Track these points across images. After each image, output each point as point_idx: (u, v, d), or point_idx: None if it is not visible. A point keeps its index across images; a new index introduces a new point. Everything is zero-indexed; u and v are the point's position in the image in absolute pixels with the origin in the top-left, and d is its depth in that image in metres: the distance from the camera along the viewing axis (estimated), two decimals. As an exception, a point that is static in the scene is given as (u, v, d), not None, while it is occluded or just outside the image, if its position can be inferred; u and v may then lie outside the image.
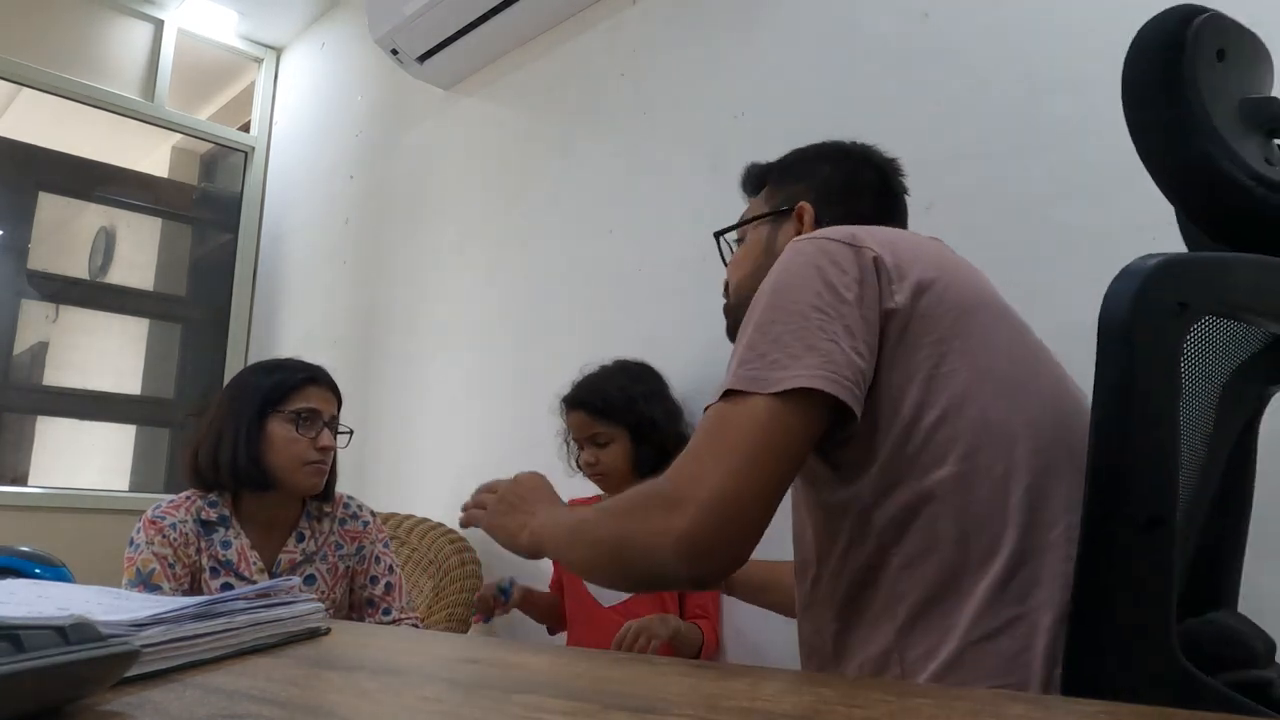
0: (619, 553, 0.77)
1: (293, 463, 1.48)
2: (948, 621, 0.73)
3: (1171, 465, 0.59)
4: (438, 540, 2.08)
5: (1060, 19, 1.36)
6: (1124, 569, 0.57)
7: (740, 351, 0.77)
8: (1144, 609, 0.58)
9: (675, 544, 0.70)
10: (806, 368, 0.73)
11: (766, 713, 0.38)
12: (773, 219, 1.08)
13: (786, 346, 0.75)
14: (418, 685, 0.47)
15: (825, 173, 1.08)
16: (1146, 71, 0.67)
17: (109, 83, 3.12)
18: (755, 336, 0.77)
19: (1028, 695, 0.41)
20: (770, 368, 0.74)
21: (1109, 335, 0.58)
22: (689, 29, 1.96)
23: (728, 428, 0.74)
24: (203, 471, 1.49)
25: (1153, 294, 0.57)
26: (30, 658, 0.35)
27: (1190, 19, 0.66)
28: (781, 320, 0.77)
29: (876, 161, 1.10)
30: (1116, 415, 0.58)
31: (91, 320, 3.55)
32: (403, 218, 2.74)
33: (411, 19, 2.30)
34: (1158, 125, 0.66)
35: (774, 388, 0.72)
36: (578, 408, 1.70)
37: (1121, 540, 0.57)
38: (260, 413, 1.48)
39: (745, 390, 0.74)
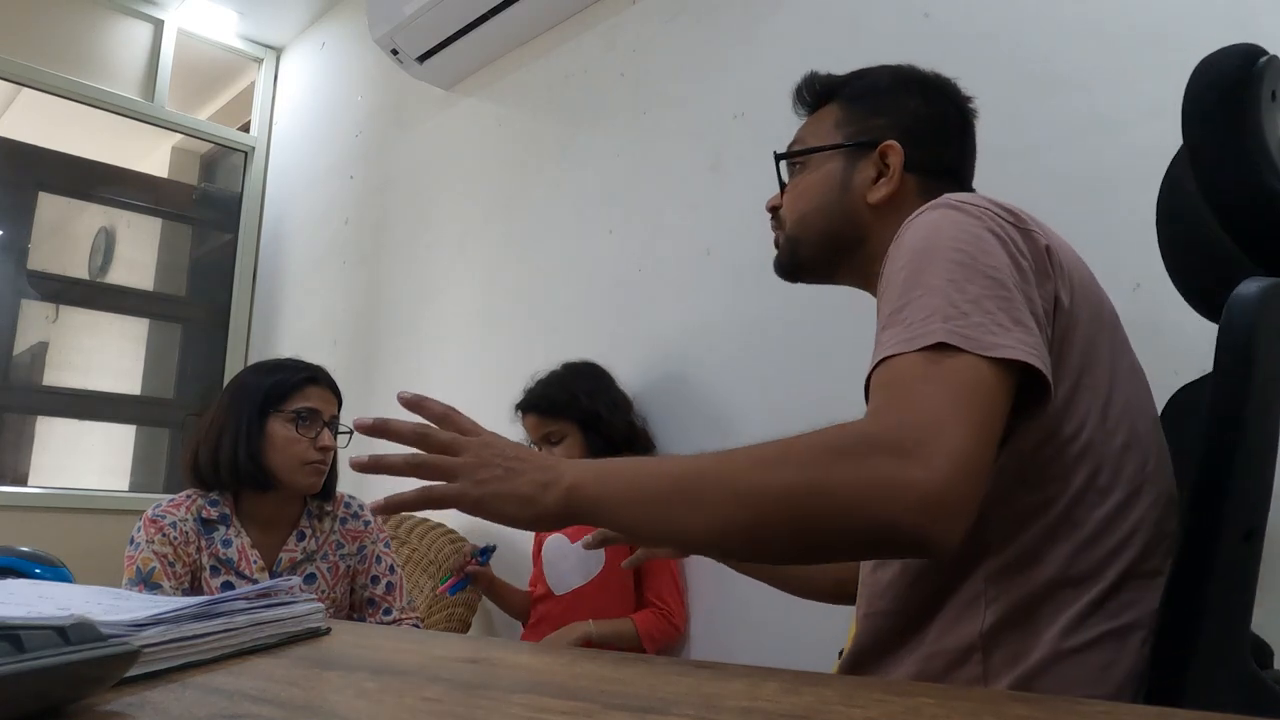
0: (814, 508, 0.60)
1: (292, 462, 1.48)
2: (1039, 629, 0.70)
3: (1269, 479, 0.61)
4: (438, 540, 2.08)
5: (1060, 19, 1.36)
6: (1222, 578, 0.58)
7: (934, 303, 0.67)
8: (1233, 616, 0.60)
9: (922, 498, 0.57)
10: (1020, 341, 0.65)
11: (766, 713, 0.38)
12: (849, 151, 0.96)
13: (991, 313, 0.66)
14: (418, 685, 0.47)
15: (913, 107, 0.97)
16: (1215, 105, 0.68)
17: (109, 83, 3.12)
18: (951, 292, 0.67)
19: (1028, 695, 0.41)
20: (978, 330, 0.64)
21: (1229, 356, 0.59)
22: (689, 29, 1.96)
23: (952, 379, 0.62)
24: (202, 471, 1.49)
25: (1267, 316, 0.59)
26: (30, 658, 0.35)
27: (1255, 58, 0.68)
28: (978, 283, 0.68)
29: (959, 101, 0.99)
30: (1230, 433, 0.59)
31: (91, 320, 3.55)
32: (403, 218, 2.74)
33: (411, 19, 2.30)
34: (1225, 157, 0.67)
35: (991, 352, 0.63)
36: (529, 411, 1.79)
37: (1222, 550, 0.58)
38: (261, 412, 1.48)
39: (958, 346, 0.63)
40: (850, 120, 0.98)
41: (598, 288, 2.05)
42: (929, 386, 0.62)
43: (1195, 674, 0.58)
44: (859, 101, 0.99)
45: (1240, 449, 0.58)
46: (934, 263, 0.70)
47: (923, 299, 0.67)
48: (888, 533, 0.58)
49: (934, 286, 0.68)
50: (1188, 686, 0.59)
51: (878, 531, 0.59)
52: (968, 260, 0.69)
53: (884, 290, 0.74)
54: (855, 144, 0.96)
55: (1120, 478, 0.73)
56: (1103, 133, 1.30)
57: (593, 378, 1.81)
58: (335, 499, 1.62)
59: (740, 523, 0.63)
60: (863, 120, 0.97)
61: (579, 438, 1.75)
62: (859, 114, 0.98)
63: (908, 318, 0.67)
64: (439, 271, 2.55)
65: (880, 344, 0.68)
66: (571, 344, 2.08)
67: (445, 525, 2.15)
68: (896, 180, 0.93)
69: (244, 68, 3.58)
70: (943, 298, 0.66)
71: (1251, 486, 0.60)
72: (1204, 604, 0.58)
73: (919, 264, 0.71)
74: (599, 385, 1.80)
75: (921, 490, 0.57)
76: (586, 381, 1.80)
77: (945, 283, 0.67)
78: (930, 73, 1.00)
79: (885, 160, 0.94)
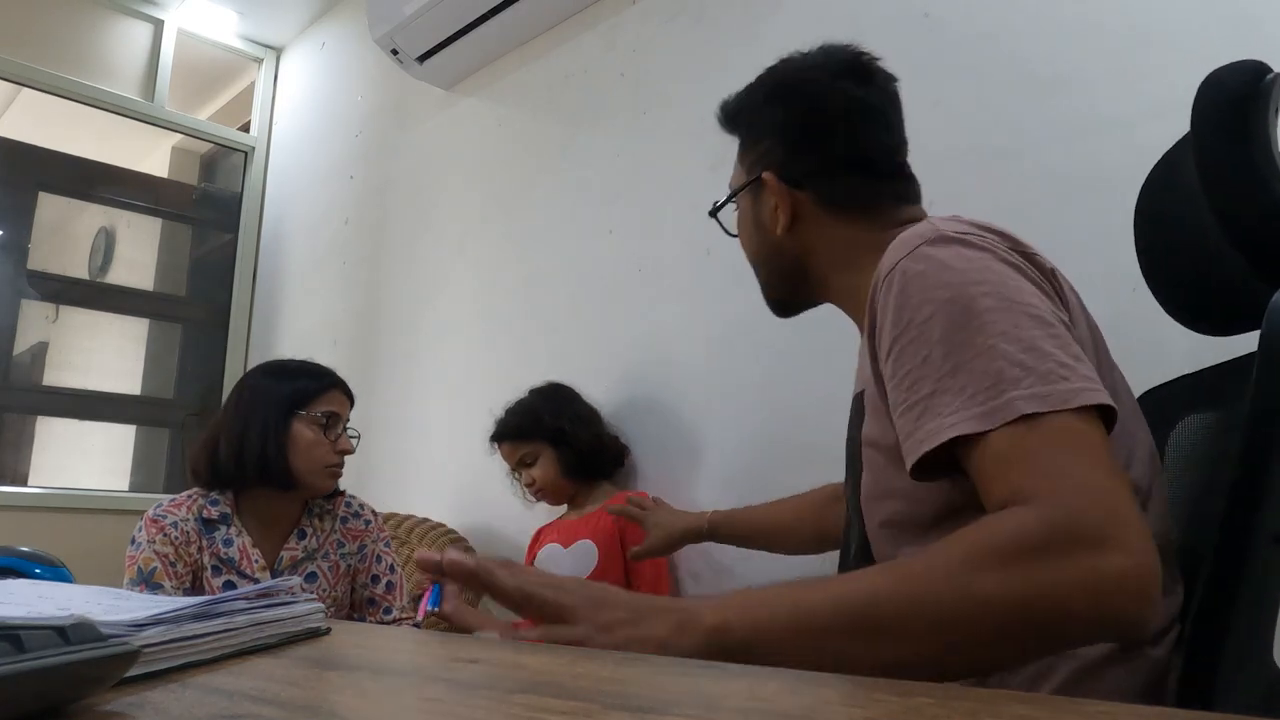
0: (1027, 618, 0.55)
1: (315, 465, 1.51)
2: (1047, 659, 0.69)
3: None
4: (438, 540, 2.08)
5: (1060, 19, 1.36)
6: (1252, 578, 0.59)
7: (995, 366, 0.63)
8: (1261, 615, 0.60)
9: (1139, 585, 0.55)
10: (1086, 380, 0.63)
11: (766, 713, 0.38)
12: (751, 189, 0.96)
13: (1050, 355, 0.63)
14: (418, 685, 0.47)
15: (781, 119, 0.93)
16: (1226, 121, 0.69)
17: (109, 83, 3.12)
18: (1006, 347, 0.63)
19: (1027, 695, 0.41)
20: (1047, 381, 0.62)
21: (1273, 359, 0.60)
22: (689, 29, 1.96)
23: (1077, 445, 0.60)
24: (221, 466, 1.49)
25: None
26: (30, 658, 0.35)
27: (1262, 74, 0.70)
28: (1025, 329, 0.64)
29: (840, 83, 0.92)
30: (1266, 440, 0.60)
31: (91, 320, 3.56)
32: (403, 218, 2.74)
33: (411, 19, 2.30)
34: (1234, 173, 0.68)
35: (1075, 402, 0.61)
36: (502, 439, 1.88)
37: (1254, 552, 0.59)
38: (286, 413, 1.50)
39: (1042, 411, 0.60)
40: (743, 155, 0.98)
41: (598, 287, 2.05)
42: (1064, 459, 0.59)
43: (1224, 676, 0.59)
44: (745, 130, 0.98)
45: (1276, 455, 0.59)
46: (970, 316, 0.65)
47: (979, 361, 0.63)
48: (1111, 626, 0.56)
49: (985, 346, 0.64)
50: (1216, 689, 0.59)
51: (1100, 627, 0.57)
52: (1003, 305, 0.65)
53: (908, 343, 0.69)
54: (747, 184, 0.96)
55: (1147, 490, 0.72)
56: (1103, 133, 1.29)
57: (555, 397, 1.88)
58: (336, 498, 1.63)
59: (941, 645, 0.57)
60: (750, 152, 0.97)
61: (551, 454, 1.82)
62: (747, 146, 0.97)
63: (964, 385, 0.63)
64: (439, 271, 2.55)
65: (938, 411, 0.64)
66: (571, 344, 2.08)
67: (445, 525, 2.15)
68: (788, 206, 0.92)
69: (244, 68, 3.58)
70: (1002, 358, 0.63)
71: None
72: (1235, 606, 0.59)
73: (949, 318, 0.66)
74: (562, 402, 1.86)
75: (1134, 577, 0.55)
76: (550, 402, 1.87)
77: (999, 339, 0.64)
78: (803, 64, 0.96)
79: (776, 193, 0.92)
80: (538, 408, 1.85)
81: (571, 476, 1.83)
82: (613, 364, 1.96)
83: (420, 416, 2.51)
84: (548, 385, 1.91)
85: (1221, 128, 0.69)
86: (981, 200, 1.40)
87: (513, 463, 1.88)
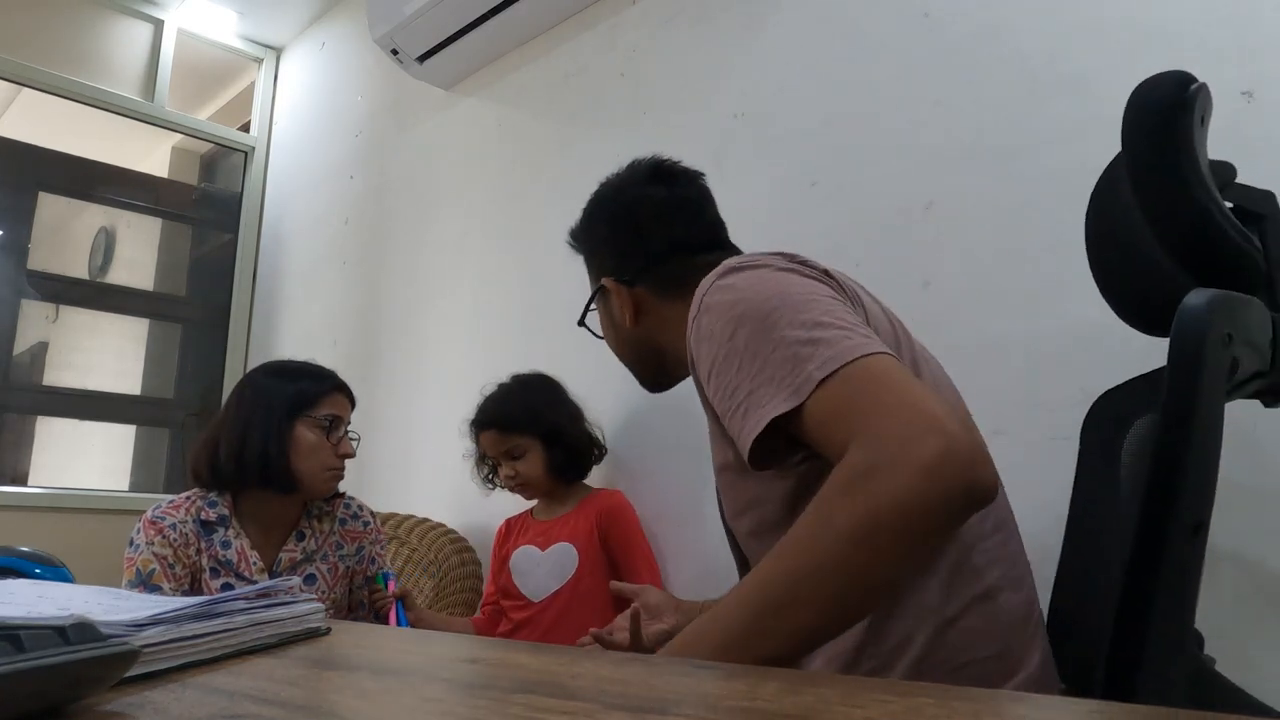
0: (886, 525, 0.61)
1: (317, 468, 1.50)
2: (919, 606, 0.76)
3: (1214, 475, 0.65)
4: (438, 540, 2.08)
5: (1060, 19, 1.36)
6: (1170, 568, 0.62)
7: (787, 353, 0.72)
8: (1181, 603, 0.64)
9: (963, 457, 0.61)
10: (864, 337, 0.71)
11: (766, 713, 0.38)
12: (600, 297, 1.11)
13: (829, 326, 0.72)
14: (418, 685, 0.47)
15: (604, 234, 1.10)
16: (1155, 129, 0.73)
17: (109, 83, 3.12)
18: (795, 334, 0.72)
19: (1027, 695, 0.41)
20: (832, 345, 0.70)
21: (1181, 362, 0.64)
22: (689, 29, 1.96)
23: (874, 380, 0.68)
24: (222, 467, 1.48)
25: (1212, 326, 0.64)
26: (30, 658, 0.35)
27: (1187, 85, 0.74)
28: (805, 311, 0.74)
29: (644, 183, 1.09)
30: (1181, 433, 0.63)
31: (91, 320, 3.55)
32: (403, 218, 2.74)
33: (411, 19, 2.30)
34: (1164, 178, 0.72)
35: (856, 353, 0.69)
36: (488, 428, 1.80)
37: (1172, 543, 0.63)
38: (289, 415, 1.49)
39: (833, 370, 0.68)
40: (589, 271, 1.14)
41: (598, 288, 2.05)
42: (863, 398, 0.67)
43: (1149, 665, 0.62)
44: (584, 250, 1.15)
45: (1191, 447, 0.63)
46: (762, 319, 0.75)
47: (778, 353, 0.72)
48: (957, 497, 0.62)
49: (779, 338, 0.72)
50: (1140, 677, 0.62)
51: (946, 503, 0.62)
52: (786, 302, 0.75)
53: (719, 362, 0.77)
54: (593, 295, 1.12)
55: None
56: (1103, 133, 1.29)
57: (548, 390, 1.83)
58: (334, 499, 1.63)
59: (833, 596, 0.63)
60: (591, 267, 1.13)
61: (540, 451, 1.77)
62: (588, 262, 1.15)
63: (772, 375, 0.72)
64: (439, 271, 2.55)
65: (754, 406, 0.72)
66: (571, 344, 2.08)
67: (445, 525, 2.15)
68: (630, 302, 1.07)
69: (244, 68, 3.58)
70: (793, 345, 0.71)
71: (1200, 482, 0.64)
72: (1155, 597, 0.62)
73: (749, 327, 0.75)
74: (556, 397, 1.82)
75: (955, 450, 0.61)
76: (543, 394, 1.82)
77: (786, 328, 0.72)
78: (615, 181, 1.13)
79: (618, 296, 1.07)
80: (532, 401, 1.79)
81: (556, 475, 1.78)
82: (611, 364, 1.95)
83: (420, 416, 2.51)
84: (535, 376, 1.85)
85: (1150, 138, 0.73)
86: (982, 200, 1.40)
87: (495, 453, 1.81)
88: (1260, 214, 0.79)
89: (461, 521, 2.19)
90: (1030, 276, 1.31)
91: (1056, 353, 1.26)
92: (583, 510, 1.78)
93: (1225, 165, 0.80)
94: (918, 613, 0.76)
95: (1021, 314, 1.32)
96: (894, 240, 1.50)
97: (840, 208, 1.59)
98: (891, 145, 1.53)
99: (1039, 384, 1.27)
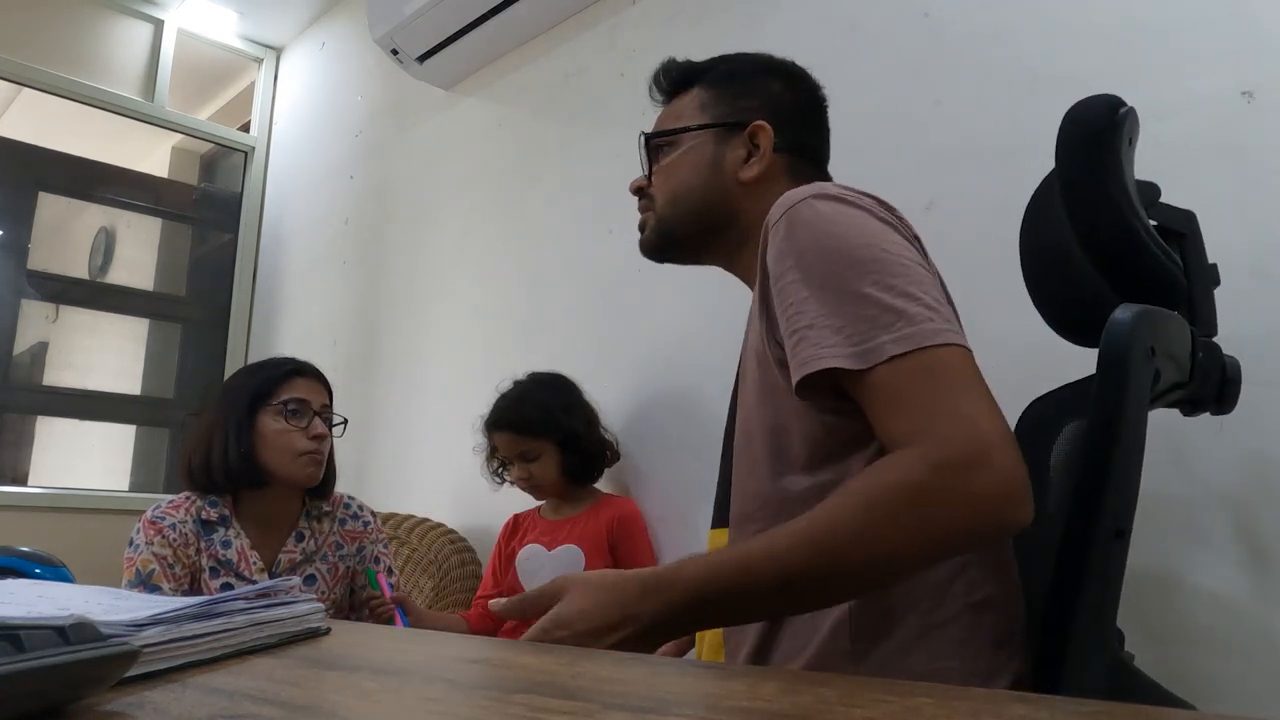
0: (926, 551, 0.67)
1: (285, 454, 1.48)
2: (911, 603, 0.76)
3: (1136, 483, 0.69)
4: (438, 540, 2.08)
5: (1060, 19, 1.36)
6: (1094, 571, 0.66)
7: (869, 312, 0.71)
8: (1103, 605, 0.67)
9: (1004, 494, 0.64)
10: (948, 322, 0.71)
11: (766, 713, 0.38)
12: (719, 132, 0.99)
13: (918, 299, 0.71)
14: (418, 685, 0.47)
15: (777, 91, 1.01)
16: (1084, 150, 0.77)
17: (109, 83, 3.12)
18: (880, 295, 0.71)
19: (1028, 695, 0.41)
20: (914, 322, 0.70)
21: (1109, 373, 0.67)
22: (689, 29, 1.96)
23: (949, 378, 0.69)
24: (195, 476, 1.48)
25: (1138, 339, 0.67)
26: (30, 658, 0.35)
27: (1117, 108, 0.78)
28: (899, 275, 0.73)
29: (816, 89, 1.05)
30: (1107, 442, 0.66)
31: (91, 320, 3.55)
32: (403, 218, 2.74)
33: (411, 19, 2.30)
34: (1094, 198, 0.76)
35: (937, 339, 0.69)
36: (504, 429, 1.78)
37: (1096, 547, 0.66)
38: (250, 409, 1.48)
39: (909, 350, 0.69)
40: (717, 102, 1.00)
41: (597, 287, 2.05)
42: (932, 394, 0.68)
43: (1072, 662, 0.65)
44: (724, 85, 1.01)
45: (1115, 455, 0.66)
46: (849, 263, 0.74)
47: (854, 306, 0.72)
48: (990, 532, 0.68)
49: (861, 292, 0.72)
50: (1064, 673, 0.65)
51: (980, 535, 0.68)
52: (879, 255, 0.74)
53: (789, 280, 0.76)
54: (725, 124, 0.98)
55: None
56: (1103, 133, 1.29)
57: (566, 391, 1.81)
58: (335, 500, 1.62)
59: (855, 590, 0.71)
60: (730, 102, 1.00)
61: (555, 454, 1.76)
62: (726, 96, 1.00)
63: (842, 325, 0.71)
64: (439, 271, 2.55)
65: (813, 342, 0.72)
66: (571, 344, 2.08)
67: (445, 525, 2.15)
68: (767, 159, 0.97)
69: (244, 68, 3.58)
70: (874, 305, 0.71)
71: (1124, 489, 0.67)
72: (1080, 596, 0.66)
73: (829, 264, 0.74)
74: (573, 400, 1.79)
75: (1000, 487, 0.64)
76: (560, 396, 1.79)
77: (871, 286, 0.72)
78: (788, 60, 1.04)
79: (755, 140, 0.97)
80: (549, 402, 1.76)
81: (568, 478, 1.78)
82: (612, 364, 1.96)
83: (420, 416, 2.51)
84: (552, 377, 1.83)
85: (1081, 158, 0.77)
86: (982, 200, 1.40)
87: (509, 454, 1.79)
88: (1181, 232, 0.83)
89: (461, 521, 2.19)
90: (1030, 276, 1.31)
91: (1057, 353, 1.26)
92: (593, 514, 1.78)
93: (1150, 185, 0.84)
94: (907, 608, 0.76)
95: (1021, 314, 1.32)
96: (894, 240, 1.50)
97: (840, 208, 1.59)
98: (891, 145, 1.53)
99: (1039, 384, 1.27)
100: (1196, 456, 1.11)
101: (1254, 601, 1.06)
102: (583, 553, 1.73)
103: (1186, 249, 0.82)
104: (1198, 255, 0.83)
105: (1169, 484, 1.11)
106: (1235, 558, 1.08)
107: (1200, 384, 0.79)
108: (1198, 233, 0.84)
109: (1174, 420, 0.88)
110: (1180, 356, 0.76)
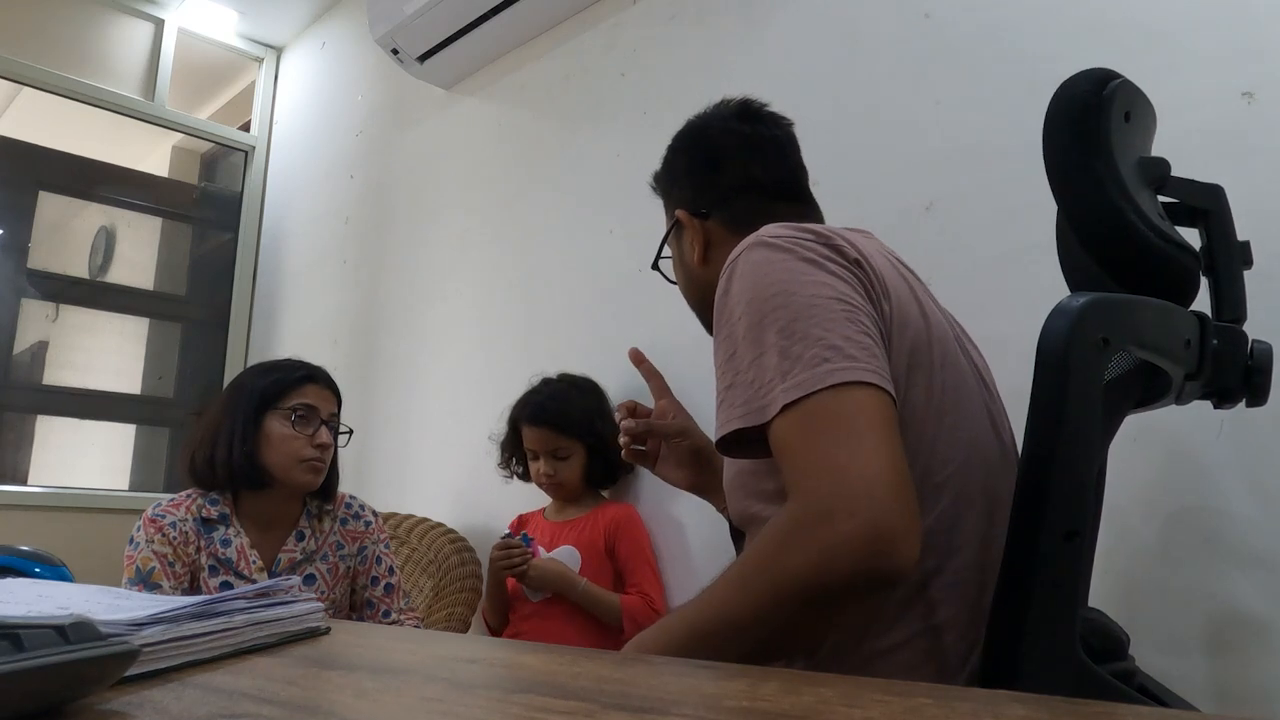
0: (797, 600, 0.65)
1: (289, 460, 1.48)
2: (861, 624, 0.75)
3: (1088, 484, 0.65)
4: (438, 540, 2.08)
5: (1060, 19, 1.36)
6: (1044, 575, 0.63)
7: (769, 361, 0.71)
8: (1059, 610, 0.64)
9: (864, 542, 0.62)
10: (849, 359, 0.69)
11: (766, 713, 0.38)
12: (673, 236, 1.07)
13: (818, 340, 0.70)
14: (418, 685, 0.47)
15: (682, 165, 1.04)
16: (1067, 128, 0.73)
17: (109, 82, 3.12)
18: (781, 342, 0.71)
19: (1027, 695, 0.41)
20: (809, 366, 0.69)
21: (1045, 365, 0.64)
22: (690, 29, 1.96)
23: (830, 424, 0.67)
24: (199, 472, 1.49)
25: (1082, 330, 0.63)
26: (30, 657, 0.35)
27: (1106, 82, 0.73)
28: (803, 319, 0.71)
29: (729, 118, 1.03)
30: (1048, 438, 0.63)
31: (91, 320, 3.55)
32: (403, 217, 2.74)
33: (411, 19, 2.30)
34: (1076, 178, 0.72)
35: (828, 381, 0.68)
36: (543, 424, 1.79)
37: (1044, 550, 0.63)
38: (258, 411, 1.49)
39: (800, 397, 0.68)
40: (666, 208, 1.08)
41: (598, 287, 2.05)
42: (811, 445, 0.67)
43: (1028, 666, 0.62)
44: (663, 188, 1.09)
45: (1059, 454, 0.62)
46: (761, 315, 0.74)
47: (761, 359, 0.72)
48: (857, 579, 0.63)
49: (767, 343, 0.72)
50: (1021, 676, 0.62)
51: (846, 583, 0.64)
52: (788, 302, 0.73)
53: (722, 340, 0.78)
54: (669, 230, 1.06)
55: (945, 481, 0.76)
56: (1103, 133, 1.29)
57: (599, 398, 1.84)
58: (336, 499, 1.62)
59: (753, 641, 0.68)
60: (667, 203, 1.07)
61: (583, 456, 1.79)
62: (666, 200, 1.08)
63: (753, 379, 0.72)
64: (439, 271, 2.55)
65: (729, 404, 0.74)
66: (571, 344, 2.08)
67: (445, 525, 2.15)
68: (700, 235, 1.02)
69: (244, 67, 3.58)
70: (776, 353, 0.71)
71: (1070, 489, 0.63)
72: (1030, 599, 0.62)
73: (748, 318, 0.75)
74: (606, 408, 1.83)
75: (859, 536, 0.62)
76: (595, 401, 1.82)
77: (776, 335, 0.72)
78: (700, 118, 1.06)
79: (691, 228, 1.02)
80: (588, 407, 1.79)
81: (589, 482, 1.82)
82: (612, 364, 1.95)
83: (420, 416, 2.51)
84: (586, 381, 1.86)
85: (1067, 135, 0.73)
86: (982, 200, 1.40)
87: (541, 449, 1.79)
88: (1205, 209, 0.77)
89: (461, 521, 2.19)
90: (1030, 276, 1.31)
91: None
92: (594, 518, 1.79)
93: (1157, 161, 0.77)
94: (859, 629, 0.74)
95: (1021, 314, 1.32)
96: (894, 240, 1.49)
97: (840, 208, 1.59)
98: (891, 145, 1.53)
99: (1039, 384, 1.27)
100: (1197, 456, 1.11)
101: (1254, 601, 1.06)
102: (579, 554, 1.74)
103: (1211, 226, 0.76)
104: (1223, 233, 0.76)
105: (1169, 484, 1.11)
106: (1235, 558, 1.08)
107: (1218, 374, 0.72)
108: (1224, 209, 0.77)
109: (1175, 420, 0.87)
110: (1172, 348, 0.70)
